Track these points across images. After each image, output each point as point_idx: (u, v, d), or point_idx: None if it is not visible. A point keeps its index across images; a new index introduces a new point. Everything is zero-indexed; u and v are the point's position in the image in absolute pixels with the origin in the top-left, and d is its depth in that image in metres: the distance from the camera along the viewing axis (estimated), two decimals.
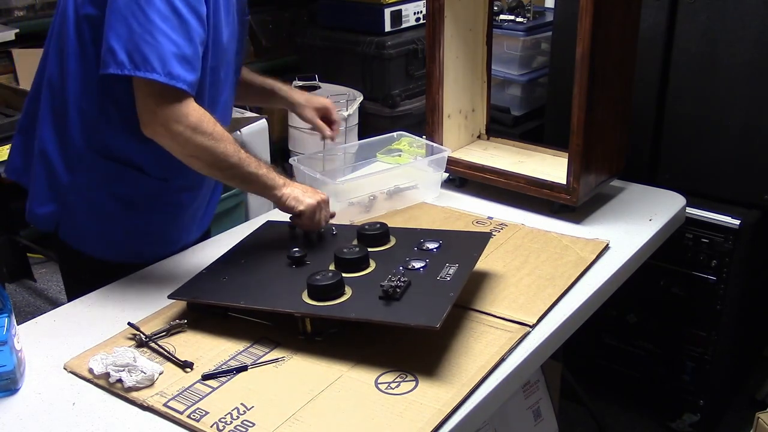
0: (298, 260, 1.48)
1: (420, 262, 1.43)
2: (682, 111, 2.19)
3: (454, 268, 1.39)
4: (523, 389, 1.88)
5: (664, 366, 2.35)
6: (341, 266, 1.43)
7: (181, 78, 1.37)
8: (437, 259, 1.44)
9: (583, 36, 1.65)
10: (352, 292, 1.35)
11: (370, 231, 1.56)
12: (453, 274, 1.37)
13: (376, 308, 1.29)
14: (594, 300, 1.54)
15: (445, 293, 1.31)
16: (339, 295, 1.34)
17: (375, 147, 2.09)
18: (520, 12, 2.80)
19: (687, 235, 2.18)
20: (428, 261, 1.44)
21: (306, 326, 1.35)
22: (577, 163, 1.75)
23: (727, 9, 2.04)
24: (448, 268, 1.39)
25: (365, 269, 1.43)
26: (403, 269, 1.41)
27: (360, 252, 1.45)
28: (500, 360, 1.30)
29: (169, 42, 1.35)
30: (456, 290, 1.31)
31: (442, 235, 1.56)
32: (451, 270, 1.39)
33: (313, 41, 3.75)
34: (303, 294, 1.35)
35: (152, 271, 1.61)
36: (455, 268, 1.39)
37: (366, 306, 1.30)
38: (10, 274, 3.38)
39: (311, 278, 1.35)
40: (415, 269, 1.41)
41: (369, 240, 1.54)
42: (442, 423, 1.16)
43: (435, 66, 1.92)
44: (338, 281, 1.34)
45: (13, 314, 1.25)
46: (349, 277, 1.39)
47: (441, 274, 1.38)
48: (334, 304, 1.32)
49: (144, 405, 1.21)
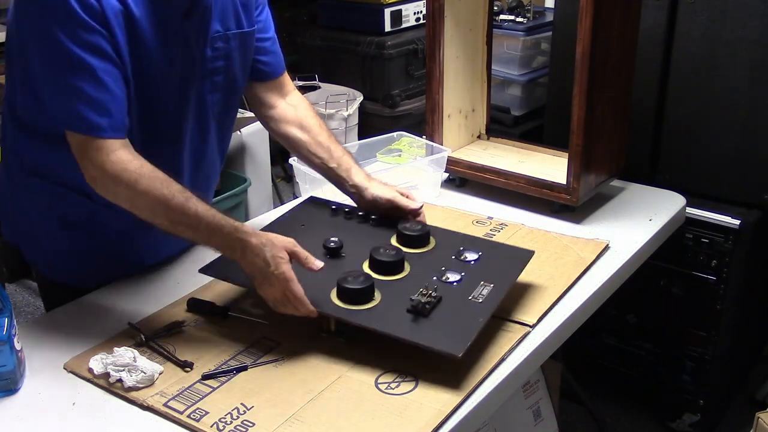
0: (334, 251, 1.44)
1: (455, 274, 1.40)
2: (682, 111, 2.19)
3: (488, 288, 1.36)
4: (523, 389, 1.88)
5: (664, 366, 2.35)
6: (375, 267, 1.40)
7: (93, 125, 1.28)
8: (474, 274, 1.40)
9: (583, 36, 1.65)
10: (382, 297, 1.33)
11: (409, 231, 1.50)
12: (486, 295, 1.34)
13: (402, 323, 1.28)
14: (594, 300, 1.54)
15: (474, 317, 1.29)
16: (368, 301, 1.32)
17: (375, 147, 2.09)
18: (520, 12, 2.80)
19: (687, 235, 2.18)
20: (464, 274, 1.40)
21: (329, 325, 1.34)
22: (577, 163, 1.75)
23: (727, 9, 2.04)
24: (482, 288, 1.36)
25: (399, 273, 1.40)
26: (436, 280, 1.38)
27: (396, 255, 1.41)
28: (500, 360, 1.30)
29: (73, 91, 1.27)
30: (485, 316, 1.29)
31: (484, 245, 1.51)
32: (484, 290, 1.36)
33: (313, 41, 3.75)
34: (332, 292, 1.33)
35: (152, 271, 1.61)
36: (489, 289, 1.36)
37: (392, 318, 1.29)
38: (10, 274, 3.38)
39: (342, 279, 1.32)
40: (448, 282, 1.38)
41: (408, 240, 1.49)
42: (442, 423, 1.16)
43: (435, 66, 1.92)
44: (368, 287, 1.32)
45: (13, 314, 1.25)
46: (381, 280, 1.37)
47: (474, 293, 1.35)
48: (361, 309, 1.30)
49: (144, 405, 1.21)
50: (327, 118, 3.45)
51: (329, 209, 1.62)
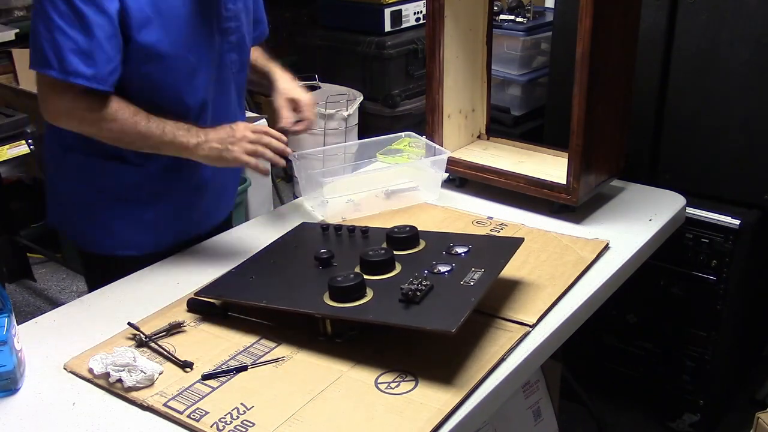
0: (325, 261, 1.47)
1: (446, 266, 1.41)
2: (682, 111, 2.19)
3: (479, 273, 1.37)
4: (523, 389, 1.88)
5: (664, 366, 2.35)
6: (366, 268, 1.41)
7: (77, 73, 1.40)
8: (464, 264, 1.42)
9: (583, 36, 1.65)
10: (374, 294, 1.34)
11: (398, 234, 1.53)
12: (477, 279, 1.35)
13: (395, 311, 1.28)
14: (594, 300, 1.54)
15: (467, 298, 1.29)
16: (360, 297, 1.33)
17: (378, 147, 2.08)
18: (520, 12, 2.80)
19: (687, 235, 2.18)
20: (455, 265, 1.41)
21: (326, 328, 1.34)
22: (577, 163, 1.75)
23: (727, 9, 2.04)
24: (474, 273, 1.37)
25: (390, 272, 1.41)
26: (427, 273, 1.39)
27: (385, 255, 1.43)
28: (500, 360, 1.30)
29: (66, 39, 1.39)
30: (477, 295, 1.29)
31: (473, 239, 1.54)
32: (476, 275, 1.36)
33: (313, 41, 3.76)
34: (325, 295, 1.35)
35: (152, 271, 1.61)
36: (480, 273, 1.37)
37: (385, 309, 1.29)
38: (10, 274, 3.39)
39: (333, 279, 1.34)
40: (440, 273, 1.40)
41: (397, 243, 1.51)
42: (442, 423, 1.16)
43: (435, 66, 1.92)
44: (359, 283, 1.33)
45: (13, 314, 1.25)
46: (373, 280, 1.38)
47: (465, 278, 1.36)
48: (353, 306, 1.31)
49: (144, 405, 1.21)
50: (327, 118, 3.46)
51: (320, 230, 1.65)
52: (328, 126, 3.47)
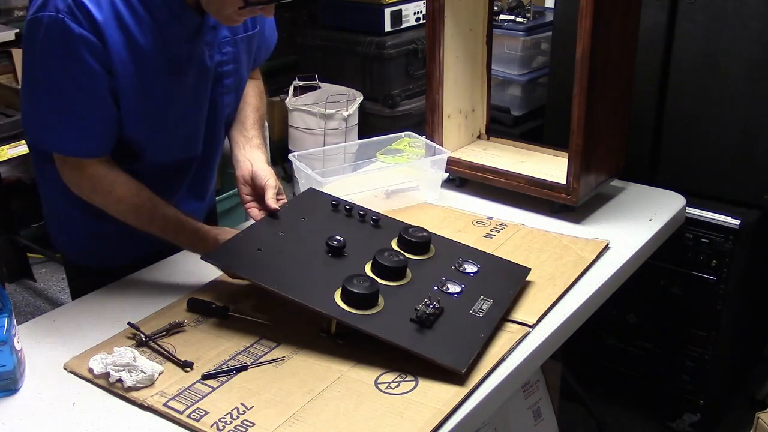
0: (336, 250, 1.45)
1: (456, 286, 1.42)
2: (682, 111, 2.19)
3: (488, 303, 1.39)
4: (523, 389, 1.88)
5: (664, 366, 2.35)
6: (378, 270, 1.41)
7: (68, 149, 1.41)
8: (473, 287, 1.43)
9: (583, 36, 1.65)
10: (385, 303, 1.34)
11: (412, 237, 1.51)
12: (486, 311, 1.37)
13: (407, 332, 1.29)
14: (594, 300, 1.54)
15: (476, 333, 1.31)
16: (372, 306, 1.33)
17: (378, 147, 2.08)
18: (520, 12, 2.80)
19: (687, 235, 2.18)
20: (464, 287, 1.42)
21: (331, 326, 1.34)
22: (577, 163, 1.75)
23: (727, 9, 2.04)
24: (482, 302, 1.39)
25: (402, 279, 1.41)
26: (438, 290, 1.40)
27: (400, 262, 1.42)
28: (500, 360, 1.30)
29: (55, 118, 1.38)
30: (487, 333, 1.32)
31: (482, 258, 1.53)
32: (484, 305, 1.38)
33: (313, 41, 3.76)
34: (336, 293, 1.34)
35: (152, 271, 1.61)
36: (489, 305, 1.39)
37: (397, 327, 1.30)
38: (10, 274, 3.39)
39: (348, 281, 1.33)
40: (450, 293, 1.40)
41: (410, 246, 1.50)
42: (442, 423, 1.16)
43: (435, 66, 1.92)
44: (374, 293, 1.33)
45: (13, 314, 1.25)
46: (384, 285, 1.38)
47: (474, 307, 1.38)
48: (365, 314, 1.31)
49: (144, 405, 1.21)
50: (327, 118, 3.46)
51: (330, 204, 1.62)
52: (328, 126, 3.47)
